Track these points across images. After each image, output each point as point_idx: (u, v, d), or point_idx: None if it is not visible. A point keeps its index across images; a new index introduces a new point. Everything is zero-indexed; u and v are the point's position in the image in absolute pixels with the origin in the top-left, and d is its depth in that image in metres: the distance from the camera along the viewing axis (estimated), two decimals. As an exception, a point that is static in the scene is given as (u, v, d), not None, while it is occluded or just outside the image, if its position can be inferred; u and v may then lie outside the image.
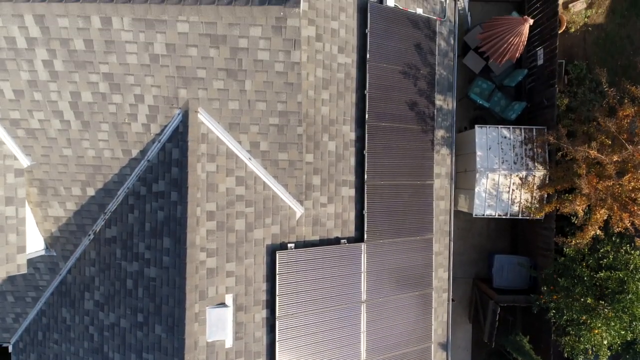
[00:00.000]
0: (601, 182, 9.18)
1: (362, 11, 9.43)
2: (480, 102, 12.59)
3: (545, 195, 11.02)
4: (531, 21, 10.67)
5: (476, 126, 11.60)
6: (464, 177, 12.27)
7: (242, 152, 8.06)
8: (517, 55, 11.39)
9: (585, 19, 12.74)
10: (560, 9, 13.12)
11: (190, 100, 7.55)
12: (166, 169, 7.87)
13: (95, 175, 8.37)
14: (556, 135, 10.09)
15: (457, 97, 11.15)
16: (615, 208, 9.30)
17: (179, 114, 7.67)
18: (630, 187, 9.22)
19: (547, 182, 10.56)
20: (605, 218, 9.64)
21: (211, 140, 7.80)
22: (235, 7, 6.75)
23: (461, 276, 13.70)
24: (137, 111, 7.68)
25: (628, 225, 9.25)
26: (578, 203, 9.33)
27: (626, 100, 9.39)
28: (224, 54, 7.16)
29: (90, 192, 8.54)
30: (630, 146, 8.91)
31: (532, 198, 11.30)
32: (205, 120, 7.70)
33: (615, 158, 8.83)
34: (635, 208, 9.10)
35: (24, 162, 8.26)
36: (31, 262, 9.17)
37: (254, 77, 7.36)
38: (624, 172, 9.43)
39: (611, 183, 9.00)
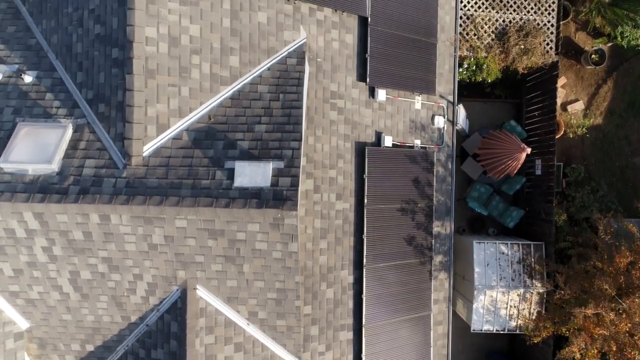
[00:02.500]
0: (598, 328, 9.21)
1: (360, 154, 9.48)
2: (479, 211, 12.62)
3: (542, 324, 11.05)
4: (529, 150, 10.71)
5: (474, 242, 11.63)
6: (462, 282, 12.31)
7: (241, 320, 8.10)
8: (515, 172, 11.45)
9: (584, 130, 12.77)
10: (558, 110, 13.19)
11: (189, 279, 7.59)
12: (165, 339, 7.92)
13: (95, 335, 8.41)
14: (554, 284, 10.14)
15: (456, 197, 11.10)
16: (613, 349, 9.33)
17: (177, 290, 7.71)
18: (627, 329, 9.25)
19: (542, 318, 10.57)
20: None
21: (209, 312, 7.84)
22: (233, 210, 6.79)
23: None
24: (135, 287, 7.72)
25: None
26: (574, 349, 9.37)
27: (623, 248, 9.42)
28: (222, 244, 7.21)
29: (90, 348, 8.59)
30: (628, 301, 8.96)
31: (529, 315, 11.34)
32: (203, 295, 7.74)
33: (612, 316, 8.87)
34: (633, 354, 9.13)
35: (23, 324, 8.30)
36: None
37: (252, 261, 7.41)
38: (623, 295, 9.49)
39: (608, 333, 9.04)
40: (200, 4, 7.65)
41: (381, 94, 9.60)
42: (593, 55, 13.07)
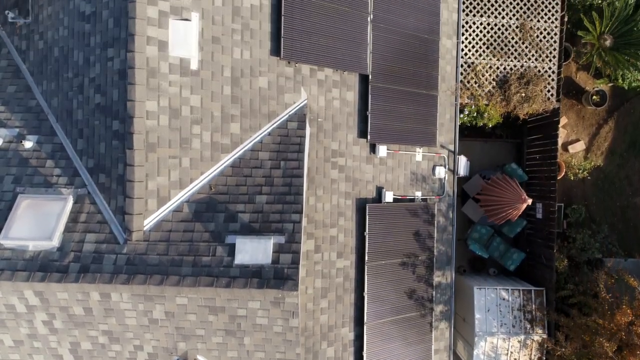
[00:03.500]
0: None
1: (361, 211, 9.46)
2: (479, 254, 12.60)
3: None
4: (529, 201, 10.69)
5: (475, 288, 11.61)
6: (462, 324, 12.30)
7: (241, 386, 8.10)
8: (515, 218, 11.44)
9: (584, 174, 12.75)
10: (559, 150, 13.18)
11: (190, 350, 7.58)
12: (165, 407, 7.90)
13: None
14: (555, 341, 10.13)
15: (456, 238, 11.07)
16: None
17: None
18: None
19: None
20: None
21: (210, 381, 7.83)
22: (234, 290, 6.78)
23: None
24: (136, 357, 7.71)
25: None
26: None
27: (624, 305, 9.41)
28: (222, 319, 7.20)
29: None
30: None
31: (530, 361, 11.34)
32: (204, 364, 7.74)
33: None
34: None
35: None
36: None
37: (252, 335, 7.40)
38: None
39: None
40: (201, 73, 7.64)
41: (382, 150, 9.59)
42: (594, 97, 13.05)
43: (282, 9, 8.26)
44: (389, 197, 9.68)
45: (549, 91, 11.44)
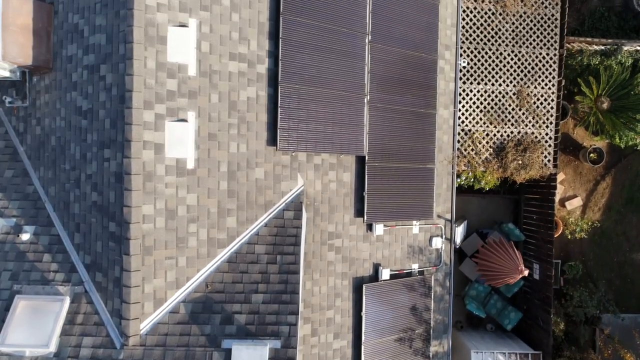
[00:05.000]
0: None
1: (358, 290, 9.49)
2: (477, 313, 12.62)
3: None
4: (526, 272, 10.72)
5: (472, 352, 11.65)
6: (460, 383, 12.35)
7: None
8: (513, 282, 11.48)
9: (581, 234, 12.77)
10: (557, 206, 13.20)
11: None
12: None
13: None
14: None
15: (454, 294, 11.10)
16: None
17: None
18: None
19: None
20: None
21: None
22: (230, 401, 6.81)
23: None
24: None
25: None
26: None
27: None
28: None
29: None
30: None
31: None
32: None
33: None
34: None
35: None
36: None
37: None
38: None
39: None
40: (198, 172, 7.67)
41: (379, 229, 9.62)
42: (591, 154, 13.08)
43: (279, 99, 8.29)
44: (385, 274, 9.70)
45: (545, 157, 11.46)
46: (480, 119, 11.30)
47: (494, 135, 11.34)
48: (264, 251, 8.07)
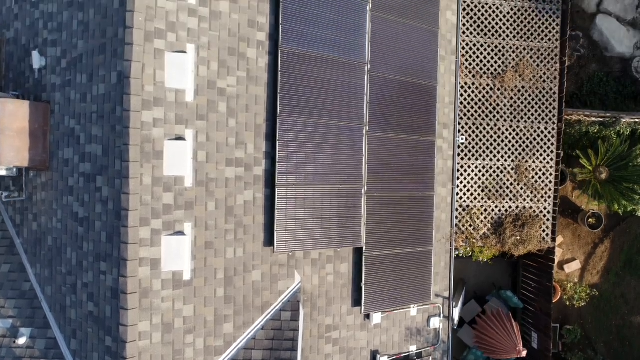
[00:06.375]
0: None
1: (356, 379, 9.49)
2: (475, 380, 12.63)
3: None
4: (524, 354, 10.70)
5: None
6: None
7: None
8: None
9: (580, 303, 12.74)
10: (555, 269, 13.17)
11: None
12: None
13: None
14: None
15: (452, 357, 11.11)
16: None
17: None
18: None
19: None
20: None
21: None
22: None
23: None
24: None
25: None
26: None
27: None
28: None
29: None
30: None
31: None
32: None
33: None
34: None
35: None
36: None
37: None
38: None
39: None
40: (194, 282, 7.65)
41: (377, 317, 9.60)
42: (590, 219, 13.06)
43: (276, 201, 8.27)
44: (384, 361, 9.70)
45: (544, 231, 11.44)
46: (479, 194, 11.28)
47: (492, 210, 11.32)
48: (261, 357, 8.05)
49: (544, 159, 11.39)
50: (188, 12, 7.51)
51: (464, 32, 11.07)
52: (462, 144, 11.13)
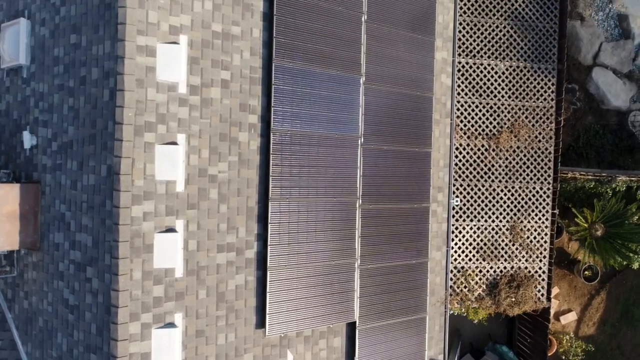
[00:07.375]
0: None
1: None
2: None
3: None
4: (519, 419, 10.67)
5: None
6: None
7: None
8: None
9: (576, 358, 12.71)
10: (551, 321, 13.13)
11: None
12: None
13: None
14: None
15: None
16: None
17: None
18: None
19: None
20: None
21: None
22: None
23: None
24: None
25: None
26: None
27: None
28: None
29: None
30: None
31: None
32: None
33: None
34: None
35: None
36: None
37: None
38: None
39: None
40: (185, 373, 7.60)
41: (370, 389, 9.56)
42: (586, 272, 13.02)
43: (267, 284, 8.23)
44: None
45: (539, 291, 11.40)
46: (473, 255, 11.23)
47: (487, 271, 11.27)
48: None
49: (539, 218, 11.34)
50: (179, 102, 7.47)
51: (458, 94, 11.02)
52: (457, 205, 11.08)
